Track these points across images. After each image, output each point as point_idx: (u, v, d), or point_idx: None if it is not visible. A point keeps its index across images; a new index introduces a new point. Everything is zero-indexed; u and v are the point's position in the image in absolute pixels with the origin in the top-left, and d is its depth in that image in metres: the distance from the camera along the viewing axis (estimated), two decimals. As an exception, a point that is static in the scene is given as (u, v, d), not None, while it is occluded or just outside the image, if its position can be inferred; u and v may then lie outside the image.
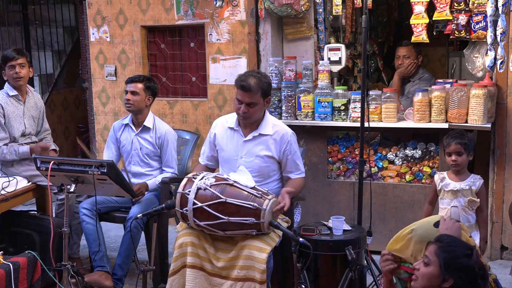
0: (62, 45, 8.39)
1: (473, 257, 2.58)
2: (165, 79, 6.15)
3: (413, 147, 5.04)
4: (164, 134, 4.72)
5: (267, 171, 4.03)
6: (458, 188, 3.92)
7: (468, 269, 2.57)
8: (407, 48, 5.39)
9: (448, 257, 2.59)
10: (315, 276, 3.85)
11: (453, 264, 2.57)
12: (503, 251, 5.04)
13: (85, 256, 4.96)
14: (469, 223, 3.91)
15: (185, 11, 5.81)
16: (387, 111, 4.89)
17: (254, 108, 3.90)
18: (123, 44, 6.14)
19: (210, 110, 5.86)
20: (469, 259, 2.57)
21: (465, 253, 2.59)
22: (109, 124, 6.14)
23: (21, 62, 4.79)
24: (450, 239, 2.67)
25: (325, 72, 5.11)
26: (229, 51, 5.68)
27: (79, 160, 4.41)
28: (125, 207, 4.70)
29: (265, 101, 3.97)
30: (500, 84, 4.89)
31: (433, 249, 2.63)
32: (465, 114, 4.69)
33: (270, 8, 5.41)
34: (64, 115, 8.30)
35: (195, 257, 3.68)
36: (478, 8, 4.61)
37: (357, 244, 3.82)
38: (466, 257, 2.58)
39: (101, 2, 6.15)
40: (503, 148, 4.93)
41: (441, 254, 2.60)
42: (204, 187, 3.61)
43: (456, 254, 2.59)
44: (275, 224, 3.53)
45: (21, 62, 4.79)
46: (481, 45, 4.96)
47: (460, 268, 2.57)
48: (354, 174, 5.17)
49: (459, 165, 3.91)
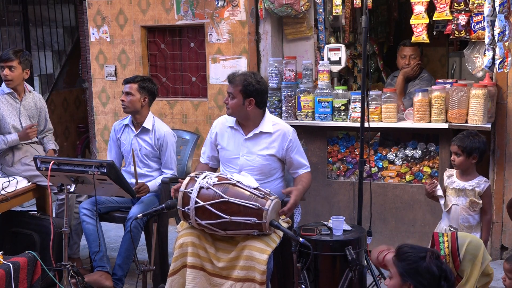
0: (62, 45, 8.39)
1: (427, 259, 2.57)
2: (165, 79, 6.15)
3: (413, 147, 5.04)
4: (163, 136, 4.71)
5: (268, 169, 4.04)
6: (461, 187, 3.93)
7: (425, 271, 2.57)
8: (413, 48, 5.31)
9: (404, 264, 2.62)
10: (315, 276, 3.85)
11: (410, 269, 2.59)
12: (503, 251, 5.05)
13: (85, 256, 4.96)
14: (468, 224, 3.90)
15: (185, 11, 5.81)
16: (387, 111, 4.89)
17: (232, 101, 3.96)
18: (123, 44, 6.14)
19: (210, 110, 5.86)
20: (423, 261, 2.57)
21: (419, 256, 2.60)
22: (109, 124, 6.14)
23: (11, 65, 4.77)
24: (407, 248, 2.69)
25: (325, 72, 5.11)
26: (229, 51, 5.68)
27: (79, 160, 4.41)
28: (125, 207, 4.70)
29: (247, 101, 3.96)
30: (500, 84, 4.89)
31: (393, 261, 2.67)
32: (465, 114, 4.68)
33: (270, 8, 5.41)
34: (64, 115, 8.30)
35: (196, 257, 3.68)
36: (478, 8, 4.61)
37: (357, 244, 3.81)
38: (421, 259, 2.59)
39: (101, 2, 6.15)
40: (503, 148, 4.93)
41: (398, 264, 2.64)
42: (206, 186, 3.61)
43: (411, 259, 2.61)
44: (276, 224, 3.53)
45: (11, 64, 4.77)
46: (481, 45, 4.96)
47: (417, 272, 2.58)
48: (354, 174, 5.17)
49: (457, 165, 3.93)
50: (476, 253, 3.24)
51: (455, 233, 3.29)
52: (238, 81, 3.97)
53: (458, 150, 3.89)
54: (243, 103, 3.97)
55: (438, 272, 2.57)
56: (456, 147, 3.90)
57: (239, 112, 4.01)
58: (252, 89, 3.97)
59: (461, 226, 3.90)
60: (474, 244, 3.26)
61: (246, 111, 4.00)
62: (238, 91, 3.96)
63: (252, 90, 3.97)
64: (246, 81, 3.96)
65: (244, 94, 3.95)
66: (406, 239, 4.94)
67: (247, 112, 4.01)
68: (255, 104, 4.00)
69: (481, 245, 3.33)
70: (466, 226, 3.89)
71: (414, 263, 2.59)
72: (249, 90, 3.96)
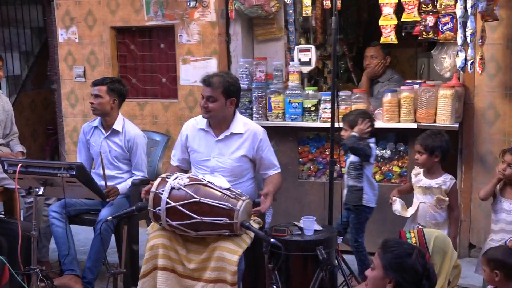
0: (30, 46, 8.27)
1: (414, 256, 2.59)
2: (135, 80, 6.11)
3: (382, 147, 5.09)
4: (134, 138, 4.68)
5: (239, 170, 4.03)
6: (428, 185, 3.98)
7: (410, 268, 2.58)
8: (375, 48, 5.44)
9: (389, 258, 2.62)
10: (286, 276, 3.86)
11: (395, 264, 2.59)
12: (471, 249, 5.12)
13: (55, 259, 4.90)
14: (435, 221, 3.96)
15: (155, 12, 5.78)
16: (357, 111, 4.92)
17: (214, 104, 3.92)
18: (92, 45, 6.08)
19: (180, 111, 5.84)
20: (409, 258, 2.58)
21: (405, 252, 2.61)
22: (78, 126, 6.07)
23: None
24: (393, 242, 2.70)
25: (296, 73, 5.13)
26: (199, 52, 5.66)
27: (47, 162, 4.35)
28: (95, 210, 4.65)
29: (228, 101, 3.96)
30: (467, 84, 4.96)
31: (377, 253, 2.67)
32: (434, 114, 4.75)
33: (240, 9, 5.41)
34: (32, 117, 8.18)
35: (167, 259, 3.66)
36: (446, 9, 4.66)
37: (328, 244, 3.83)
38: (407, 256, 2.59)
39: (70, 3, 6.08)
40: (470, 148, 5.00)
41: (383, 256, 2.64)
42: (178, 187, 3.59)
43: (397, 254, 2.61)
44: (246, 225, 3.53)
45: None
46: (449, 46, 5.03)
47: (402, 267, 2.58)
48: (325, 174, 5.20)
49: (420, 164, 3.99)
50: (444, 247, 3.30)
51: (421, 230, 3.34)
52: (217, 83, 3.92)
53: (421, 149, 3.96)
54: (225, 104, 3.96)
55: (422, 270, 2.58)
56: (419, 146, 3.97)
57: (220, 113, 3.98)
58: (233, 89, 3.97)
59: (428, 223, 3.95)
60: (441, 238, 3.31)
61: (227, 111, 4.00)
62: (219, 93, 3.92)
63: (234, 90, 3.97)
64: (227, 82, 3.94)
65: (226, 95, 3.93)
66: (376, 238, 4.97)
67: (227, 113, 4.00)
68: (235, 104, 4.01)
69: (448, 238, 3.40)
70: (434, 224, 3.94)
71: (400, 258, 2.60)
72: (231, 91, 3.96)
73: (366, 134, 4.25)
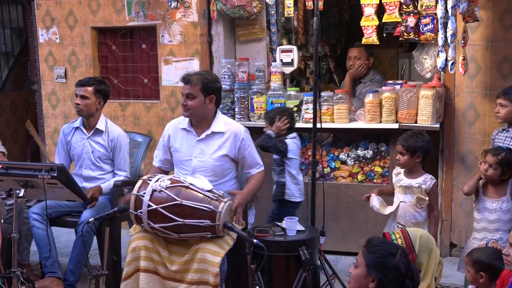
0: (10, 47, 8.19)
1: (397, 256, 2.59)
2: (116, 81, 6.08)
3: (364, 148, 5.11)
4: (117, 137, 4.66)
5: (221, 170, 4.03)
6: (408, 184, 4.00)
7: (393, 268, 2.57)
8: (358, 49, 5.46)
9: (373, 257, 2.62)
10: (269, 277, 3.86)
11: (378, 263, 2.59)
12: (452, 248, 5.16)
13: (36, 262, 4.86)
14: (415, 220, 3.98)
15: (137, 12, 5.75)
16: (339, 112, 4.94)
17: (193, 101, 3.93)
18: (73, 45, 6.04)
19: (162, 112, 5.82)
20: (393, 257, 2.58)
21: (389, 252, 2.61)
22: (59, 127, 6.02)
23: None
24: (377, 241, 2.71)
25: (278, 74, 5.14)
26: (181, 52, 5.65)
27: (28, 164, 4.32)
28: (76, 211, 4.62)
29: (207, 98, 3.96)
30: (448, 85, 5.00)
31: (361, 251, 2.68)
32: (415, 115, 4.78)
33: (222, 9, 5.41)
34: (12, 118, 8.10)
35: (149, 261, 3.65)
36: (427, 10, 4.69)
37: (310, 244, 3.84)
38: (391, 256, 2.59)
39: (50, 3, 6.04)
40: (451, 148, 5.04)
41: (367, 255, 2.64)
42: (159, 189, 3.58)
43: (381, 254, 2.61)
44: (229, 226, 3.53)
45: None
46: (430, 47, 5.06)
47: (385, 267, 2.58)
48: (307, 174, 5.20)
49: (402, 164, 4.02)
50: (430, 245, 3.32)
51: (405, 230, 3.35)
52: (196, 80, 3.95)
53: (403, 150, 3.98)
54: (204, 101, 3.96)
55: (405, 270, 2.57)
56: (401, 147, 3.98)
57: (200, 111, 3.98)
58: (212, 86, 3.97)
59: (408, 222, 3.97)
60: (425, 237, 3.34)
61: (207, 109, 3.99)
62: (198, 90, 3.93)
63: (213, 87, 3.98)
64: (205, 79, 3.96)
65: (204, 92, 3.94)
66: (358, 238, 5.01)
67: (207, 111, 4.00)
68: (215, 102, 4.01)
69: (431, 237, 3.43)
70: (414, 223, 3.96)
71: (383, 257, 2.60)
72: (210, 88, 3.96)
73: (283, 131, 4.46)
